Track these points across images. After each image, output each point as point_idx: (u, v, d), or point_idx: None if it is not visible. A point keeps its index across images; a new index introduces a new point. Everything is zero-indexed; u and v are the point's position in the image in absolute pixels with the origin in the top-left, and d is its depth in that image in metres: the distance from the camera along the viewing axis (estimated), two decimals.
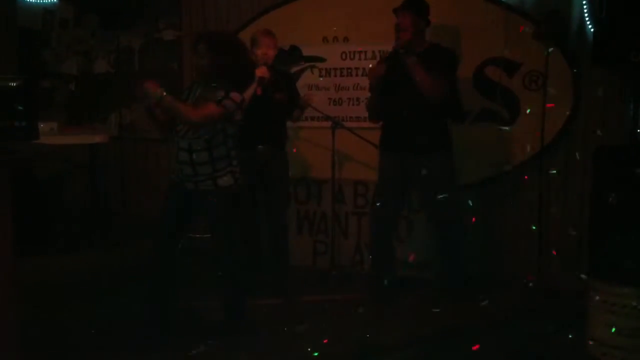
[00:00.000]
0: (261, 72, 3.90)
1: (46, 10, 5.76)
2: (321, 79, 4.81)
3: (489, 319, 3.72)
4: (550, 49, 4.07)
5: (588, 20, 4.08)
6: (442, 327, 3.62)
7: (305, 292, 4.19)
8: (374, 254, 4.24)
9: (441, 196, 3.83)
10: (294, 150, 4.79)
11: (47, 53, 5.81)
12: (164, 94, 2.99)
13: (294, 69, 4.86)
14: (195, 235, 4.21)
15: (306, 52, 4.86)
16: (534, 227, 4.20)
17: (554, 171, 4.23)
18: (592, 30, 4.01)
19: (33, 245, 4.55)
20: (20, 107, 2.54)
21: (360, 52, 4.67)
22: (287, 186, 4.42)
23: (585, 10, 4.09)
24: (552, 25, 4.12)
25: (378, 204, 4.03)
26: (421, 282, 4.32)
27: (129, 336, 3.27)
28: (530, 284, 4.16)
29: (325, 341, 3.31)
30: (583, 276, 3.46)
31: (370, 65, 4.20)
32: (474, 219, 4.16)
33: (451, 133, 4.04)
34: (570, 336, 3.35)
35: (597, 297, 3.13)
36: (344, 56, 4.74)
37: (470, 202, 4.17)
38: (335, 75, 4.78)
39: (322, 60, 4.82)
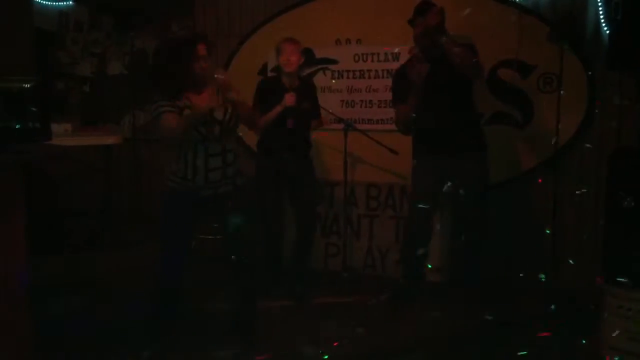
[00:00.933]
0: (290, 100, 3.95)
1: (61, 12, 5.81)
2: (333, 81, 4.81)
3: (503, 322, 3.69)
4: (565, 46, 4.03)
5: (603, 23, 4.04)
6: (455, 330, 3.61)
7: (317, 293, 4.19)
8: (408, 257, 4.13)
9: (474, 197, 3.83)
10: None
11: (62, 55, 5.86)
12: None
13: (307, 71, 4.85)
14: (207, 237, 4.21)
15: (319, 54, 4.86)
16: (547, 231, 4.17)
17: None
18: (607, 32, 3.97)
19: (46, 245, 4.58)
20: (33, 108, 2.56)
21: (373, 54, 4.66)
22: (315, 193, 4.41)
23: (601, 13, 4.06)
24: (566, 27, 4.09)
25: (416, 209, 3.95)
26: (436, 285, 4.30)
27: (139, 337, 3.28)
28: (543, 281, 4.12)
29: (335, 344, 3.30)
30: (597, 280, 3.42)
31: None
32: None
33: (485, 134, 4.00)
34: (584, 341, 3.31)
35: (612, 302, 3.10)
36: (356, 58, 4.74)
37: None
38: (348, 77, 4.78)
39: (334, 62, 4.81)
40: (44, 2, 5.78)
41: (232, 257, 3.22)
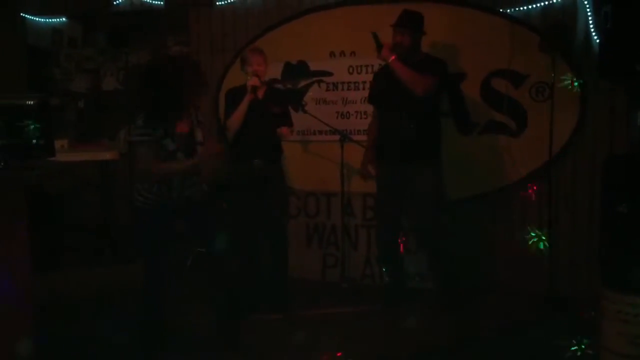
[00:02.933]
0: (253, 82, 3.98)
1: (55, 29, 5.82)
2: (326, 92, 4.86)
3: (499, 330, 3.72)
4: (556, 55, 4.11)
5: (594, 32, 4.12)
6: (450, 339, 3.64)
7: (315, 305, 4.20)
8: (382, 265, 4.37)
9: (428, 206, 3.94)
10: (301, 163, 4.84)
11: (57, 71, 5.87)
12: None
13: (302, 84, 4.90)
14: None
15: (314, 66, 4.90)
16: (543, 238, 4.20)
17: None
18: (597, 41, 4.04)
19: (45, 261, 4.57)
20: (36, 125, 2.58)
21: (367, 66, 4.71)
22: (284, 200, 4.44)
23: (591, 22, 4.13)
24: (557, 36, 4.16)
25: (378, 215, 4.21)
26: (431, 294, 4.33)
27: (131, 352, 3.29)
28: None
29: (339, 354, 3.31)
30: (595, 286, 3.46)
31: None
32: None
33: (440, 144, 4.08)
34: (582, 346, 3.34)
35: (610, 307, 3.13)
36: (351, 70, 4.79)
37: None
38: (343, 89, 4.82)
39: (329, 74, 4.86)
40: (38, 20, 5.79)
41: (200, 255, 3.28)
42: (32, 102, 2.61)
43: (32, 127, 2.57)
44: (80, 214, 5.33)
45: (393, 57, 3.85)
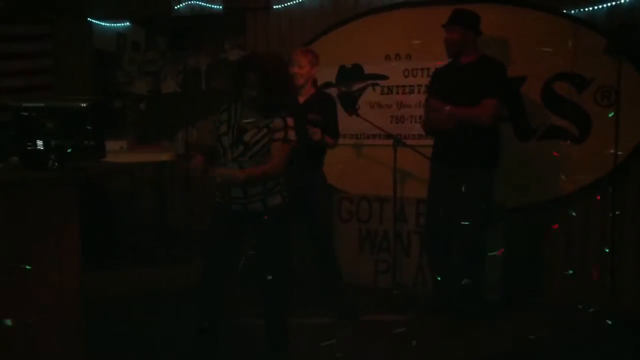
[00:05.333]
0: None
1: (119, 33, 6.02)
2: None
3: (558, 347, 3.56)
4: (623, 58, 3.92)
5: None
6: (506, 353, 3.52)
7: (366, 311, 4.15)
8: (434, 271, 4.19)
9: (474, 214, 3.76)
10: (355, 167, 4.80)
11: (120, 74, 6.06)
12: None
13: (356, 87, 4.86)
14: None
15: (368, 70, 4.85)
16: (606, 250, 4.02)
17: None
18: None
19: (104, 260, 4.71)
20: (89, 127, 2.64)
21: (422, 69, 4.63)
22: (327, 206, 4.33)
23: None
24: (624, 39, 3.96)
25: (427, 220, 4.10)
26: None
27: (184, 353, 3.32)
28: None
29: None
30: None
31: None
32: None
33: (497, 151, 3.93)
34: None
35: None
36: (406, 73, 4.71)
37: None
38: (397, 93, 4.75)
39: (384, 77, 4.80)
40: (103, 24, 6.00)
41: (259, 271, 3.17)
42: (85, 105, 2.68)
43: (84, 129, 2.63)
44: (137, 214, 5.47)
45: (448, 107, 3.75)
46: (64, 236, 2.64)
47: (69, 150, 2.65)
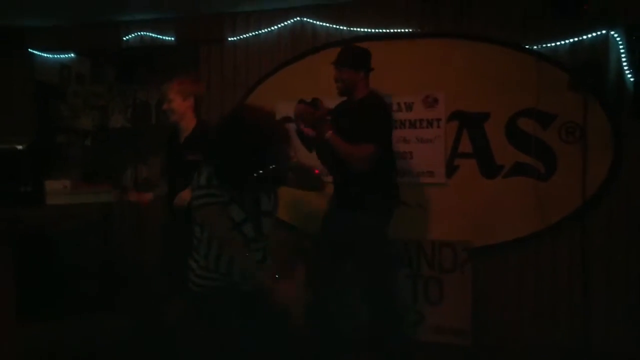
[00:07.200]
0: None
1: (63, 65, 5.68)
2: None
3: None
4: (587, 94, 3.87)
5: (627, 70, 3.87)
6: None
7: None
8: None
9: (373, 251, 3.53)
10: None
11: (64, 107, 5.70)
12: None
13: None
14: None
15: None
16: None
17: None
18: (632, 80, 3.81)
19: (46, 308, 4.31)
20: (25, 172, 2.36)
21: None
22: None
23: (624, 59, 3.89)
24: (587, 75, 3.93)
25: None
26: (457, 349, 4.02)
27: None
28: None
29: None
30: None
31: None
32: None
33: (390, 192, 3.66)
34: None
35: None
36: None
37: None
38: None
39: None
40: (46, 55, 5.66)
41: None
42: (21, 147, 2.39)
43: (20, 173, 2.34)
44: (81, 258, 5.07)
45: (330, 132, 3.50)
46: None
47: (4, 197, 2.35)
